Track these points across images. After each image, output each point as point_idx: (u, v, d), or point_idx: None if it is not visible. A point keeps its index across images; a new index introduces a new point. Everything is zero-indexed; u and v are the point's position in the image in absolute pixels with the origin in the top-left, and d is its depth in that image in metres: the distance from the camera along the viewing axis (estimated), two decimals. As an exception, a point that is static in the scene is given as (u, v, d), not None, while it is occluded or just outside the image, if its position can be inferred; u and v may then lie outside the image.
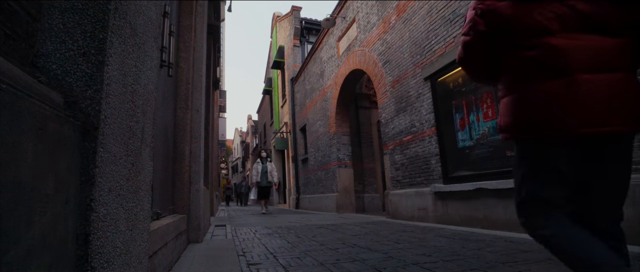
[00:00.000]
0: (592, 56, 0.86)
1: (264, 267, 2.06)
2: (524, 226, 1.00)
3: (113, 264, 0.77)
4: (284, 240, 3.27)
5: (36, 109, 0.54)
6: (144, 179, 1.02)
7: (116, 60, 0.78)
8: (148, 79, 1.05)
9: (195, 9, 3.24)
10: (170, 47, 2.00)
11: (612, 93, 0.85)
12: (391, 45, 5.87)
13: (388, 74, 5.97)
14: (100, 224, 0.71)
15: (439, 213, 4.56)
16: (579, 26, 0.88)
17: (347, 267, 2.00)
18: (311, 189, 10.27)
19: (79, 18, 0.72)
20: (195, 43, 3.27)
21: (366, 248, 2.63)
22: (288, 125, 13.15)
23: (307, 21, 12.98)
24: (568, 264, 0.90)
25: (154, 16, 1.12)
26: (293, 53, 12.88)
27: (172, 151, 2.76)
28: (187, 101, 3.01)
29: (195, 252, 2.54)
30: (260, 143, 23.03)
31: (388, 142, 5.99)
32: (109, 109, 0.75)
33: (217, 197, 11.30)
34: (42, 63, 0.68)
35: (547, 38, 0.89)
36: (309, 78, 10.68)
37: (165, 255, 1.79)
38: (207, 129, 5.12)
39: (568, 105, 0.86)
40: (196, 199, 3.01)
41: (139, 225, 0.98)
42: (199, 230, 3.05)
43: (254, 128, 28.30)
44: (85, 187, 0.68)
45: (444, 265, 1.94)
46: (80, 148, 0.68)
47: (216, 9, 6.51)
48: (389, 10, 5.94)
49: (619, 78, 0.86)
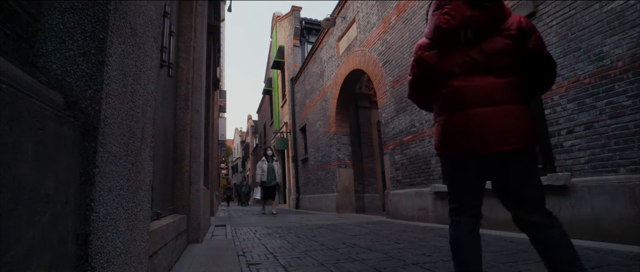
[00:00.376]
0: (481, 94, 1.12)
1: (264, 267, 2.06)
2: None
3: (113, 264, 0.77)
4: (284, 240, 3.27)
5: (36, 109, 0.54)
6: (144, 179, 1.02)
7: (116, 60, 0.78)
8: (148, 79, 1.05)
9: (195, 9, 3.24)
10: (170, 47, 2.00)
11: (498, 121, 1.09)
12: (391, 45, 5.87)
13: (388, 74, 5.97)
14: (100, 224, 0.71)
15: (439, 213, 4.56)
16: (474, 70, 1.14)
17: (347, 267, 2.00)
18: (311, 189, 10.27)
19: (79, 18, 0.72)
20: (195, 43, 3.27)
21: (366, 248, 2.63)
22: (288, 125, 13.14)
23: (307, 21, 12.97)
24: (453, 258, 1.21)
25: (154, 16, 1.12)
26: (293, 53, 12.88)
27: (172, 151, 2.76)
28: (187, 101, 3.01)
29: (195, 252, 2.55)
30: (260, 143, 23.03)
31: (388, 142, 5.99)
32: (109, 109, 0.75)
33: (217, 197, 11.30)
34: (42, 63, 0.68)
35: (452, 80, 1.17)
36: (309, 78, 10.68)
37: (165, 255, 1.79)
38: (207, 129, 5.12)
39: (466, 132, 1.13)
40: (196, 199, 3.01)
41: (139, 225, 0.98)
42: (199, 230, 3.05)
43: (254, 128, 28.30)
44: (85, 187, 0.68)
45: (444, 265, 1.94)
46: (80, 148, 0.68)
47: (216, 9, 6.51)
48: (389, 10, 5.94)
49: (504, 110, 1.10)
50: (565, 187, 2.82)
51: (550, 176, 2.93)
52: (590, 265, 1.77)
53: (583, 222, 2.62)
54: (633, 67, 2.43)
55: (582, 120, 2.76)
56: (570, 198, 2.78)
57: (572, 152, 2.84)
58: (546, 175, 2.98)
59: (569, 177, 2.81)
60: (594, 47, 2.69)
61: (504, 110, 1.09)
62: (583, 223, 2.61)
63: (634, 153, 2.41)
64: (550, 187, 2.93)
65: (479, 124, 1.10)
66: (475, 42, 1.15)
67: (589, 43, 2.73)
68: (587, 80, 2.74)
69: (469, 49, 1.16)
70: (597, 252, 2.07)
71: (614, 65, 2.56)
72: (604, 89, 2.61)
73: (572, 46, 2.85)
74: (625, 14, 2.49)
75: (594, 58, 2.69)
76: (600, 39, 2.65)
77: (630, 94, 2.45)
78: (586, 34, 2.75)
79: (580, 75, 2.79)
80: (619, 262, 1.81)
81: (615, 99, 2.54)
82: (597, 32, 2.67)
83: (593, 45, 2.70)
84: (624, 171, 2.46)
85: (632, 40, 2.44)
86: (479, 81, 1.13)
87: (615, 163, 2.52)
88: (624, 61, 2.49)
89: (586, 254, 2.03)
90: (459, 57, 1.17)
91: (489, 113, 1.10)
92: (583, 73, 2.77)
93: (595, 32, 2.68)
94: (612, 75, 2.57)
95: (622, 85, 2.50)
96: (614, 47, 2.55)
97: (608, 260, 1.86)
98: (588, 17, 2.74)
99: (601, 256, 1.96)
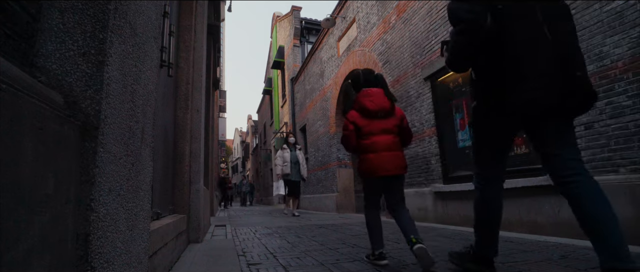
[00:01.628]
0: (385, 144, 2.04)
1: (264, 267, 2.06)
2: None
3: (113, 264, 0.77)
4: (284, 240, 3.27)
5: (36, 109, 0.54)
6: (144, 179, 1.02)
7: (116, 60, 0.78)
8: (148, 79, 1.05)
9: (195, 9, 3.23)
10: (170, 47, 2.00)
11: (392, 160, 2.02)
12: (391, 45, 5.87)
13: (388, 74, 5.97)
14: (100, 224, 0.71)
15: (439, 213, 4.56)
16: (383, 132, 2.07)
17: (347, 267, 2.00)
18: (311, 189, 10.27)
19: (79, 18, 0.72)
20: (195, 43, 3.27)
21: (366, 248, 2.63)
22: (288, 125, 13.14)
23: (307, 21, 12.98)
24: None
25: (154, 16, 1.12)
26: (293, 53, 12.88)
27: (172, 151, 2.76)
28: (187, 101, 3.01)
29: (195, 252, 2.55)
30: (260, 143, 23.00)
31: (388, 142, 5.98)
32: (109, 109, 0.75)
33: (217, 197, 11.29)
34: (42, 63, 0.68)
35: (372, 137, 2.06)
36: (309, 78, 10.68)
37: (165, 255, 1.79)
38: (207, 129, 5.12)
39: (376, 164, 2.01)
40: (196, 199, 3.01)
41: (139, 225, 0.98)
42: (199, 230, 3.05)
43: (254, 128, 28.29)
44: (85, 187, 0.68)
45: (444, 265, 1.94)
46: (80, 148, 0.68)
47: (216, 9, 6.51)
48: (389, 10, 5.94)
49: (395, 154, 2.05)
50: (565, 187, 2.82)
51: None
52: (591, 265, 1.77)
53: (583, 222, 2.62)
54: (633, 67, 2.43)
55: (582, 120, 2.76)
56: (570, 198, 2.78)
57: (572, 152, 2.84)
58: (546, 175, 2.97)
59: (569, 177, 2.81)
60: (594, 47, 2.69)
61: (396, 154, 2.05)
62: (583, 223, 2.61)
63: (634, 153, 2.41)
64: (550, 187, 2.92)
65: (385, 161, 2.01)
66: (384, 118, 2.10)
67: (589, 43, 2.73)
68: (587, 80, 2.74)
69: (381, 121, 2.09)
70: (597, 252, 2.07)
71: (614, 65, 2.56)
72: (604, 89, 2.61)
73: (572, 46, 2.85)
74: (625, 14, 2.49)
75: (594, 58, 2.69)
76: (600, 39, 2.65)
77: (630, 94, 2.45)
78: (586, 34, 2.74)
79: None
80: (619, 262, 1.81)
81: (615, 99, 2.54)
82: (597, 32, 2.67)
83: (593, 45, 2.70)
84: (624, 171, 2.46)
85: (632, 40, 2.44)
86: (385, 138, 2.06)
87: (615, 163, 2.52)
88: (624, 61, 2.49)
89: (586, 254, 2.03)
90: (375, 125, 2.08)
91: (389, 155, 2.03)
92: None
93: (595, 32, 2.68)
94: (612, 75, 2.56)
95: (622, 85, 2.50)
96: (614, 47, 2.55)
97: (608, 260, 1.86)
98: (588, 17, 2.74)
99: (601, 256, 1.96)
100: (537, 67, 1.36)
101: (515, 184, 3.24)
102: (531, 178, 3.12)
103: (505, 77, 1.41)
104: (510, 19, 1.41)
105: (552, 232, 2.87)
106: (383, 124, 2.07)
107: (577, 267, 1.74)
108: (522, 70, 1.38)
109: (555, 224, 2.88)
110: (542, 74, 1.35)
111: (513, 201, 3.31)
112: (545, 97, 1.34)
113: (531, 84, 1.35)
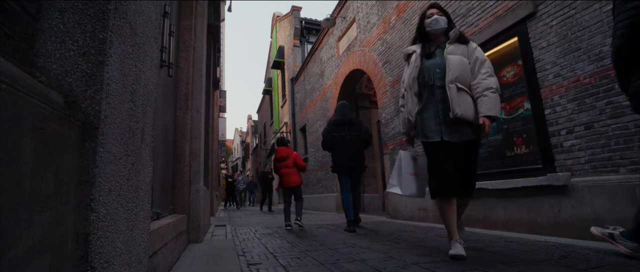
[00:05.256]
0: (286, 169, 4.56)
1: (264, 267, 2.06)
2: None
3: (113, 264, 0.77)
4: (284, 240, 3.27)
5: (36, 109, 0.54)
6: (144, 179, 1.02)
7: (116, 60, 0.78)
8: (148, 79, 1.05)
9: (195, 9, 3.23)
10: (170, 47, 2.00)
11: (291, 177, 4.56)
12: (391, 45, 5.87)
13: (388, 74, 5.97)
14: (100, 224, 0.71)
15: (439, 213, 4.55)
16: (286, 166, 4.58)
17: (347, 267, 2.00)
18: (311, 189, 10.27)
19: (79, 18, 0.72)
20: (195, 43, 3.27)
21: (366, 248, 2.63)
22: (288, 125, 13.14)
23: (307, 21, 12.97)
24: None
25: (154, 16, 1.12)
26: (293, 53, 12.88)
27: (172, 151, 2.76)
28: (187, 101, 3.01)
29: (195, 252, 2.55)
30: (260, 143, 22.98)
31: (388, 142, 5.99)
32: (109, 109, 0.75)
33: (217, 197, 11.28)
34: (42, 63, 0.68)
35: (283, 169, 4.59)
36: (309, 78, 10.68)
37: (165, 255, 1.79)
38: (207, 129, 5.12)
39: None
40: (196, 199, 3.01)
41: (139, 225, 0.98)
42: (199, 230, 3.05)
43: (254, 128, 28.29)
44: (85, 187, 0.68)
45: (444, 265, 1.94)
46: (80, 148, 0.68)
47: (216, 9, 6.51)
48: (389, 10, 5.94)
49: (293, 174, 4.57)
50: (565, 187, 2.82)
51: (550, 176, 2.93)
52: (591, 265, 1.77)
53: (583, 222, 2.62)
54: (633, 67, 2.43)
55: (582, 120, 2.76)
56: (570, 198, 2.78)
57: (572, 152, 2.84)
58: (546, 175, 2.98)
59: (569, 177, 2.82)
60: (594, 47, 2.69)
61: (296, 174, 4.58)
62: (583, 223, 2.61)
63: (634, 153, 2.41)
64: (550, 187, 2.93)
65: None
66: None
67: (589, 43, 2.73)
68: (587, 80, 2.74)
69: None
70: (597, 252, 2.07)
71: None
72: (604, 89, 2.61)
73: (572, 46, 2.85)
74: (625, 14, 2.48)
75: (594, 58, 2.69)
76: (600, 39, 2.65)
77: (630, 94, 2.44)
78: (586, 34, 2.74)
79: (580, 75, 2.79)
80: (619, 262, 1.81)
81: (615, 99, 2.54)
82: (597, 32, 2.67)
83: (593, 45, 2.70)
84: (624, 171, 2.46)
85: (632, 40, 2.44)
86: (286, 167, 4.54)
87: (615, 163, 2.52)
88: (624, 61, 2.49)
89: (587, 254, 2.03)
90: (284, 162, 4.51)
91: (290, 173, 4.52)
92: (583, 73, 2.77)
93: (595, 32, 2.68)
94: (612, 75, 2.56)
95: (622, 85, 2.49)
96: (614, 47, 2.55)
97: (608, 260, 1.86)
98: (588, 17, 2.74)
99: (601, 256, 1.96)
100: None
101: (515, 184, 3.24)
102: (531, 178, 3.12)
103: None
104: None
105: (552, 232, 2.87)
106: (285, 161, 4.58)
107: (577, 267, 1.74)
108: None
109: (555, 224, 2.88)
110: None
111: (513, 201, 3.31)
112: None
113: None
